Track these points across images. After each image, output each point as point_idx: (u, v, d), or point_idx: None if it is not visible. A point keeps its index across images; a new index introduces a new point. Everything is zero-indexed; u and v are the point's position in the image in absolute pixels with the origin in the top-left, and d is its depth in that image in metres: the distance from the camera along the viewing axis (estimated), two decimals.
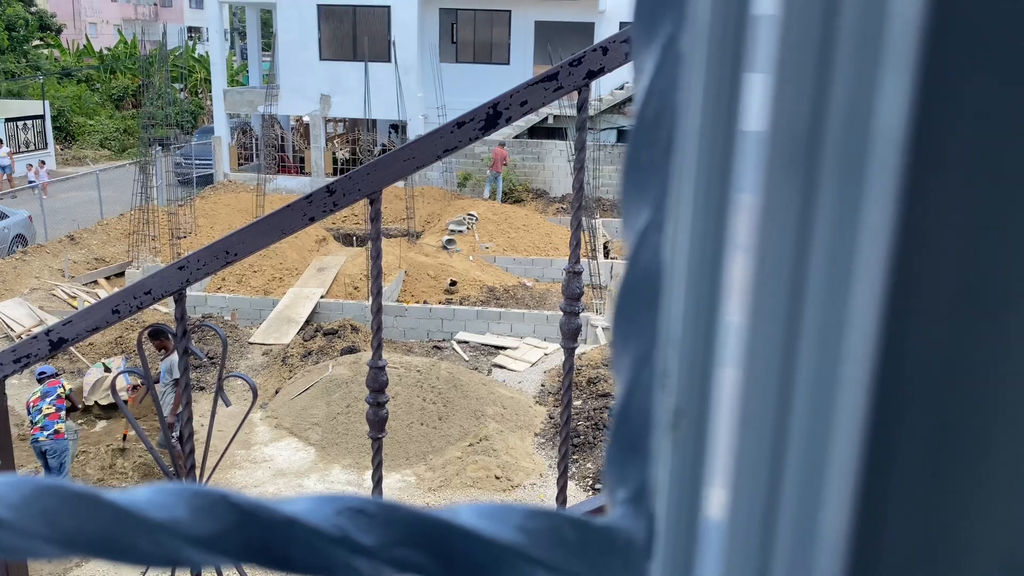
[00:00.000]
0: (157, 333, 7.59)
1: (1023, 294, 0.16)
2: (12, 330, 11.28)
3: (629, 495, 0.25)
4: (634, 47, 0.23)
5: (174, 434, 6.76)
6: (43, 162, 21.76)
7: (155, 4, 55.52)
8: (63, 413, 7.63)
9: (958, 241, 0.16)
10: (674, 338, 0.22)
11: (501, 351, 11.46)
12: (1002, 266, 0.16)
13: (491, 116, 1.47)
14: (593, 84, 1.57)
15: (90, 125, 31.28)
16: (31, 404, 7.58)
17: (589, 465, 8.36)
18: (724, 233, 0.21)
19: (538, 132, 21.58)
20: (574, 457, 8.38)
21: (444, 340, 11.91)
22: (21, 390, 9.16)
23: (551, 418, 9.34)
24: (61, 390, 7.77)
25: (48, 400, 7.54)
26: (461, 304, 12.77)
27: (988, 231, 0.16)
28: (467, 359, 11.20)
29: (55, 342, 1.71)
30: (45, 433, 7.37)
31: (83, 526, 0.25)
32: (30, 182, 20.57)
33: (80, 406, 8.64)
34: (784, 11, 0.18)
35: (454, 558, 0.25)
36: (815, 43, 0.18)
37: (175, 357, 7.54)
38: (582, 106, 1.55)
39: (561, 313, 1.69)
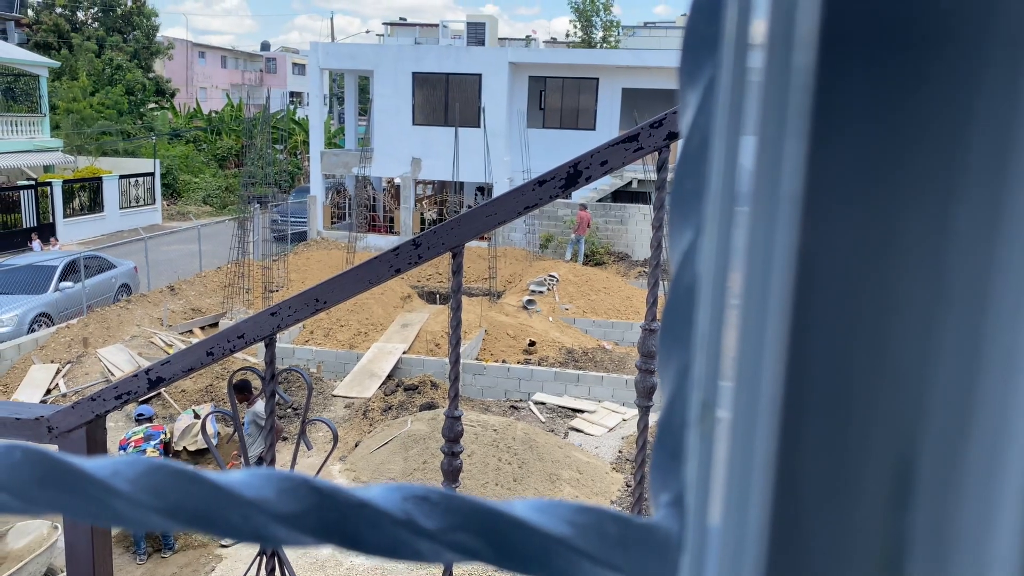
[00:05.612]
0: (240, 387, 7.84)
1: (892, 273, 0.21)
2: (112, 374, 11.84)
3: (671, 499, 0.27)
4: (680, 87, 0.26)
5: None
6: (55, 239, 22.06)
7: (261, 70, 58.90)
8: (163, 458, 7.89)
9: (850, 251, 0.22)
10: (703, 336, 0.24)
11: (578, 414, 11.34)
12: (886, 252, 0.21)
13: (571, 175, 1.52)
14: (676, 147, 1.60)
15: (195, 183, 33.12)
16: (133, 443, 7.80)
17: None
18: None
19: (622, 196, 21.71)
20: None
21: (521, 400, 11.88)
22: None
23: (627, 486, 9.14)
24: (164, 435, 8.04)
25: (152, 444, 7.80)
26: (539, 365, 12.75)
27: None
28: (543, 420, 11.13)
29: (153, 380, 1.80)
30: None
31: (185, 500, 0.29)
32: None
33: (171, 454, 8.91)
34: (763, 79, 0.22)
35: (507, 546, 0.27)
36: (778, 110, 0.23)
37: (257, 408, 7.77)
38: (662, 166, 1.58)
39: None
